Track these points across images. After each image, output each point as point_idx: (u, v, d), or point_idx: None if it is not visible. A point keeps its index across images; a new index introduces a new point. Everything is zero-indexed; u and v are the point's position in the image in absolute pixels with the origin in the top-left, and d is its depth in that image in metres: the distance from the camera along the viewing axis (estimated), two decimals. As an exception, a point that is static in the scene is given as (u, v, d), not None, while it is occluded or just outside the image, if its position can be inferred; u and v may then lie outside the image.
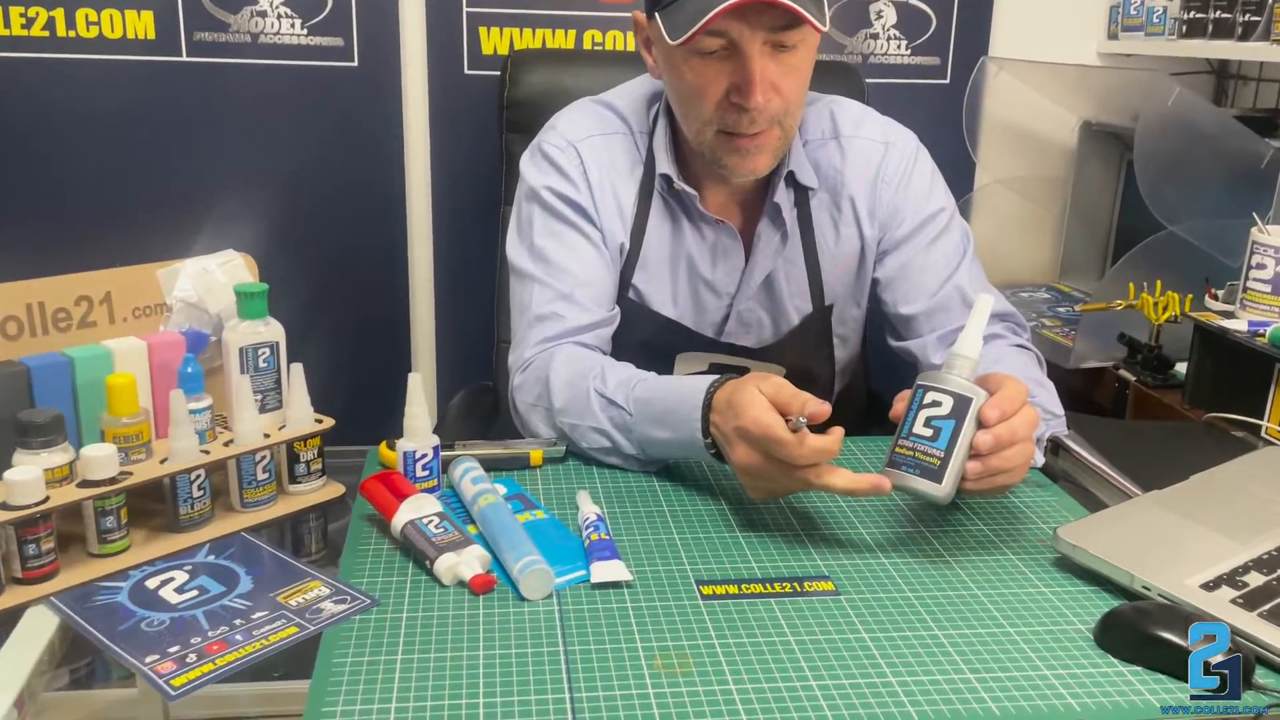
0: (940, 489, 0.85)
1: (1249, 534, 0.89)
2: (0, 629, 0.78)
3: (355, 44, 1.75)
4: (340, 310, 1.83)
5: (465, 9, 1.77)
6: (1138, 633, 0.77)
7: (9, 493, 0.79)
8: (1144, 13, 1.89)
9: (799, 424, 0.86)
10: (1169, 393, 1.48)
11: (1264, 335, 1.29)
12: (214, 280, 0.96)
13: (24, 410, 0.84)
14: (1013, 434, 0.86)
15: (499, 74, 1.59)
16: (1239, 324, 1.34)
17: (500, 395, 1.44)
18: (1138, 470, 1.07)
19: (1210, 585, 0.82)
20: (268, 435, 0.93)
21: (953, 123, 1.93)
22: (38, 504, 0.80)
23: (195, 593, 0.80)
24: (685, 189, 1.17)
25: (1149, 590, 0.82)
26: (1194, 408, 1.38)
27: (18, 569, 0.81)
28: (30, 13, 1.65)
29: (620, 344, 1.20)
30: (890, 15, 1.89)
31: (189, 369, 0.89)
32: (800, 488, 0.90)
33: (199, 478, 0.89)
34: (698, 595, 0.82)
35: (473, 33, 1.77)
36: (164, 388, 0.88)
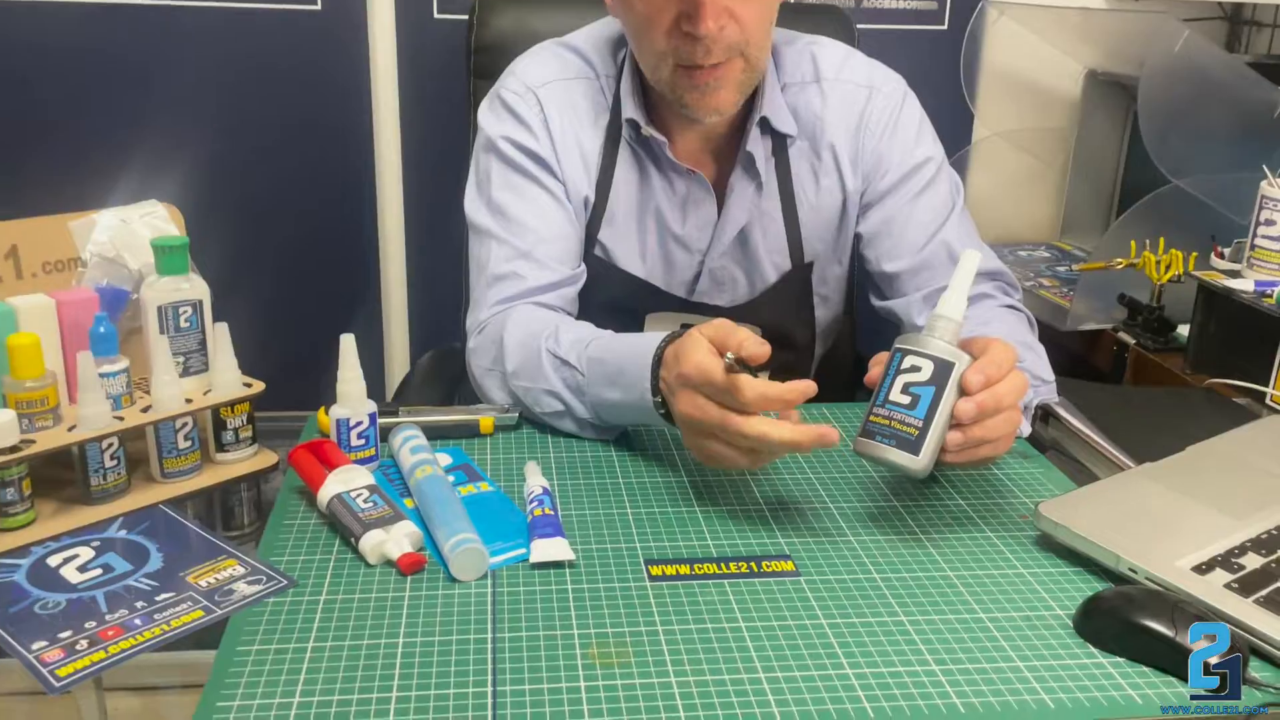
0: (917, 461, 0.79)
1: (1247, 511, 0.82)
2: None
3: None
4: (301, 266, 1.76)
5: (435, -50, 1.68)
6: (1121, 621, 0.70)
7: (-103, 463, 0.73)
8: (1154, -46, 1.80)
9: (730, 361, 0.79)
10: (1170, 357, 1.40)
11: (1271, 296, 1.21)
12: (134, 233, 0.89)
13: (-80, 373, 0.78)
14: (997, 401, 0.79)
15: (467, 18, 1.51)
16: (1245, 284, 1.26)
17: (469, 358, 1.38)
18: (1132, 441, 1.00)
19: (1203, 568, 0.75)
20: (190, 400, 0.86)
21: (950, 72, 1.84)
22: (-71, 475, 0.74)
23: (99, 571, 0.74)
24: (654, 135, 1.09)
25: (1135, 573, 0.76)
26: (1196, 373, 1.31)
27: (-89, 545, 0.75)
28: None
29: (586, 305, 1.13)
30: (885, -44, 1.80)
31: (101, 328, 0.83)
32: (740, 441, 0.81)
33: (111, 446, 0.82)
34: (645, 576, 0.76)
35: (443, -26, 1.69)
36: (76, 349, 0.82)
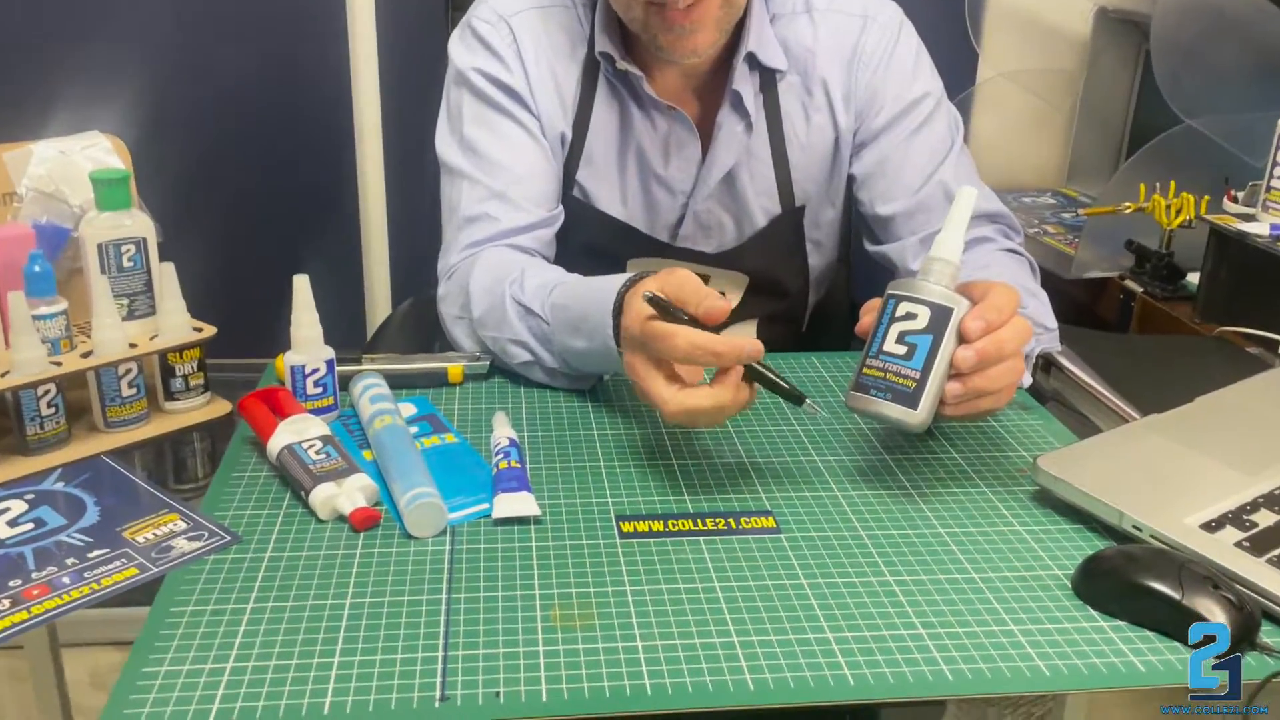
0: (915, 415, 0.73)
1: (1259, 465, 0.77)
2: None
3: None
4: (265, 204, 1.69)
5: None
6: (1123, 582, 0.66)
7: None
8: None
9: (650, 297, 0.73)
10: (1179, 305, 1.35)
11: (1287, 240, 1.15)
12: (75, 166, 0.84)
13: None
14: (999, 348, 0.74)
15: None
16: (1260, 228, 1.20)
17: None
18: (1138, 391, 0.95)
19: (1212, 525, 0.70)
20: (134, 345, 0.81)
21: (954, 9, 1.76)
22: None
23: (30, 526, 0.70)
24: (631, 69, 1.03)
25: (1140, 531, 0.71)
26: (1205, 322, 1.26)
27: None
28: None
29: (564, 249, 1.08)
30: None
31: (36, 267, 0.77)
32: (660, 404, 0.75)
33: (48, 393, 0.77)
34: (616, 534, 0.71)
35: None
36: (9, 290, 0.76)
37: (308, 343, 0.82)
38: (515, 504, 0.72)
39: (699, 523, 0.73)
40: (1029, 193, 1.90)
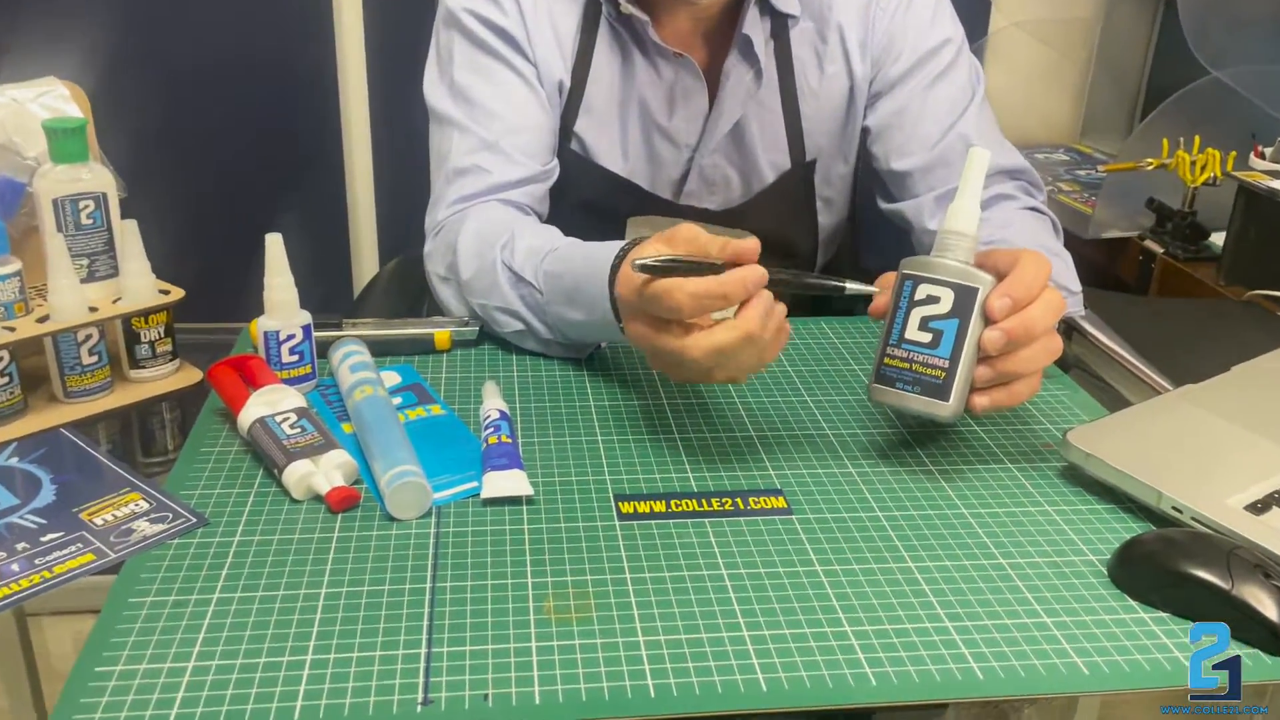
0: (946, 408, 0.68)
1: (1306, 441, 0.72)
2: None
3: None
4: (241, 158, 1.60)
5: None
6: (1164, 569, 0.60)
7: None
8: None
9: (646, 263, 0.66)
10: (1201, 266, 1.29)
11: (1323, 199, 1.09)
12: (30, 115, 0.77)
13: None
14: (1028, 329, 0.68)
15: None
16: (1292, 186, 1.14)
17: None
18: (1166, 359, 0.89)
19: (1258, 506, 0.65)
20: (95, 309, 0.75)
21: (967, -45, 1.68)
22: None
23: (-21, 507, 0.64)
24: (635, 13, 0.96)
25: (1180, 513, 0.65)
26: (1231, 284, 1.20)
27: None
28: None
29: (560, 205, 1.02)
30: None
31: (-15, 226, 0.71)
32: (692, 365, 0.69)
33: (1, 361, 0.71)
34: (614, 515, 0.66)
35: None
36: (-42, 250, 0.70)
37: (282, 307, 0.76)
38: (506, 482, 0.67)
39: (704, 503, 0.68)
40: (1041, 148, 1.83)
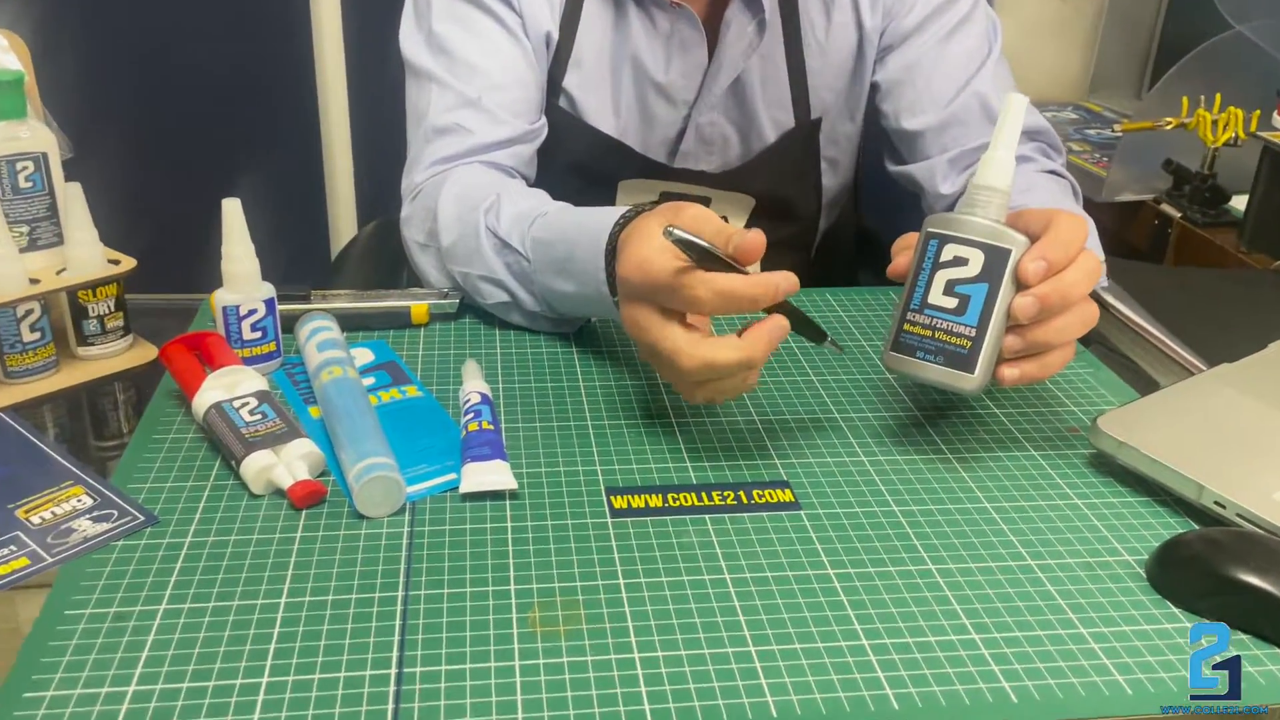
0: (971, 380, 0.62)
1: (1356, 427, 0.67)
2: None
3: None
4: (203, 111, 1.52)
5: None
6: (1210, 574, 0.55)
7: None
8: None
9: (676, 237, 0.59)
10: (1221, 232, 1.23)
11: (1357, 161, 1.03)
12: (-39, 68, 0.70)
13: None
14: (1064, 295, 0.62)
15: None
16: (1323, 147, 1.08)
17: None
18: (1194, 334, 0.84)
19: (1308, 502, 0.60)
20: (36, 281, 0.68)
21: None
22: None
23: (-97, 505, 0.58)
24: (628, -42, 0.89)
25: (1223, 508, 0.60)
26: (1253, 251, 1.14)
27: None
28: None
29: (547, 168, 0.95)
30: None
31: (-89, 191, 0.64)
32: (684, 374, 0.62)
33: (-70, 341, 0.65)
34: (606, 510, 0.60)
35: None
36: (-118, 217, 0.64)
37: (242, 279, 0.69)
38: (487, 475, 0.61)
39: (704, 496, 0.62)
40: (1049, 106, 1.76)
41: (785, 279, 0.61)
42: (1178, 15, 1.72)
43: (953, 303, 0.62)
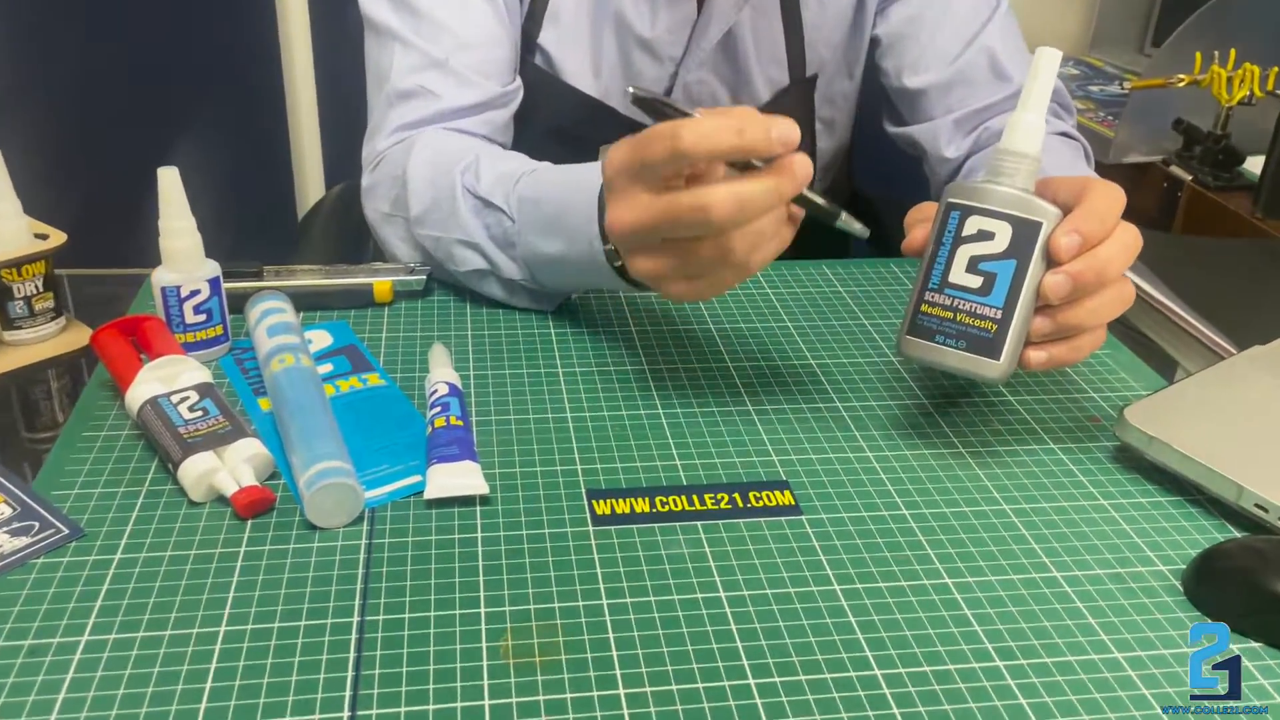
0: (996, 367, 0.56)
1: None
2: None
3: None
4: (157, 63, 1.42)
5: None
6: (1253, 589, 0.50)
7: None
8: None
9: (639, 94, 0.54)
10: (1234, 196, 1.17)
11: (1385, 123, 0.97)
12: None
13: None
14: (1099, 273, 0.56)
15: None
16: (1347, 107, 1.02)
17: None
18: (1218, 311, 0.78)
19: (1357, 505, 0.54)
20: (-50, 262, 0.62)
21: None
22: None
23: None
24: (609, -100, 0.82)
25: (1265, 512, 0.55)
26: (1269, 217, 1.08)
27: None
28: None
29: (522, 133, 0.88)
30: None
31: None
32: (703, 227, 0.54)
33: None
34: (588, 517, 0.54)
35: None
36: None
37: (183, 256, 0.63)
38: (455, 478, 0.55)
39: (695, 499, 0.56)
40: (1049, 62, 1.69)
41: (783, 121, 0.53)
42: (1184, -34, 1.65)
43: (976, 281, 0.56)
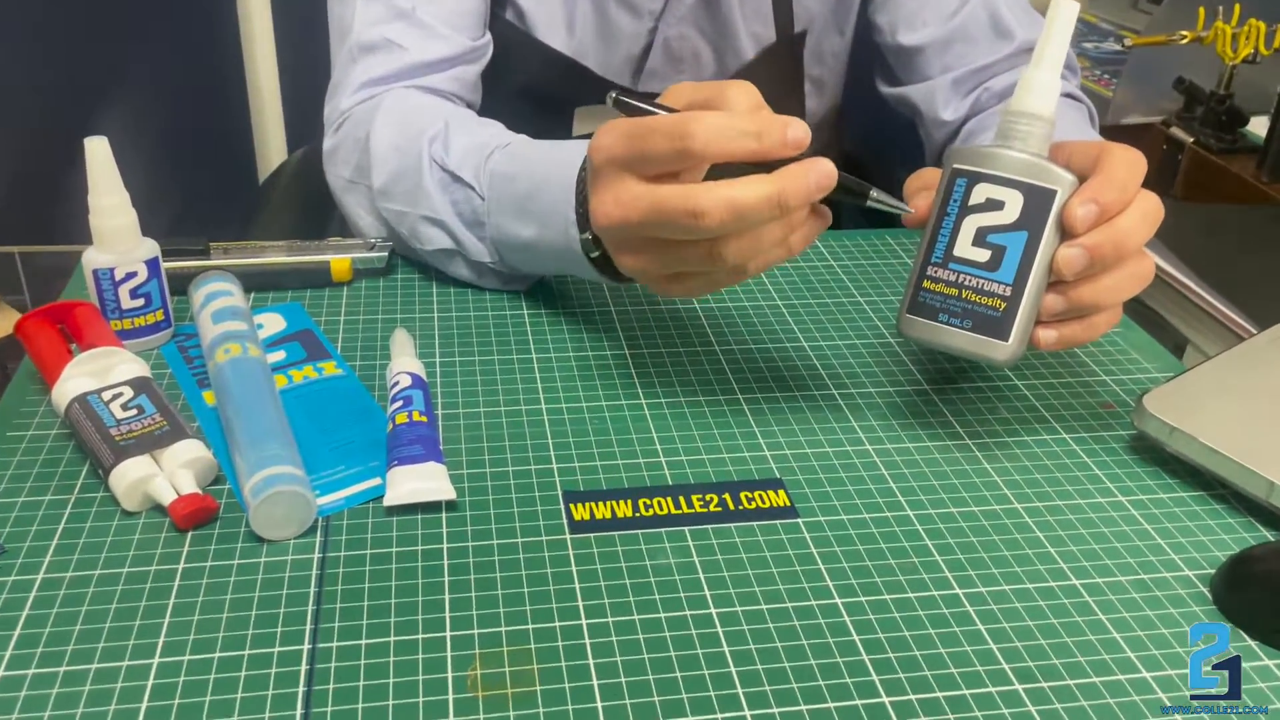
0: (1004, 349, 0.51)
1: None
2: None
3: None
4: (91, 17, 1.36)
5: None
6: (1290, 596, 0.46)
7: None
8: None
9: (618, 99, 0.51)
10: (1238, 159, 1.12)
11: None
12: None
13: None
14: (1118, 246, 0.51)
15: None
16: (1361, 65, 0.97)
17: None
18: (1232, 285, 0.74)
19: (1397, 502, 0.50)
20: None
21: None
22: None
23: None
24: None
25: (1299, 511, 0.51)
26: (1275, 180, 1.04)
27: None
28: None
29: (491, 93, 0.82)
30: None
31: None
32: (696, 231, 0.48)
33: None
34: (564, 523, 0.50)
35: None
36: None
37: (116, 235, 0.57)
38: (418, 482, 0.50)
39: (682, 501, 0.51)
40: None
41: (797, 124, 0.48)
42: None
43: (984, 255, 0.51)
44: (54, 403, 0.52)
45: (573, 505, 0.51)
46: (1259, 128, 1.11)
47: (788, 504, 0.52)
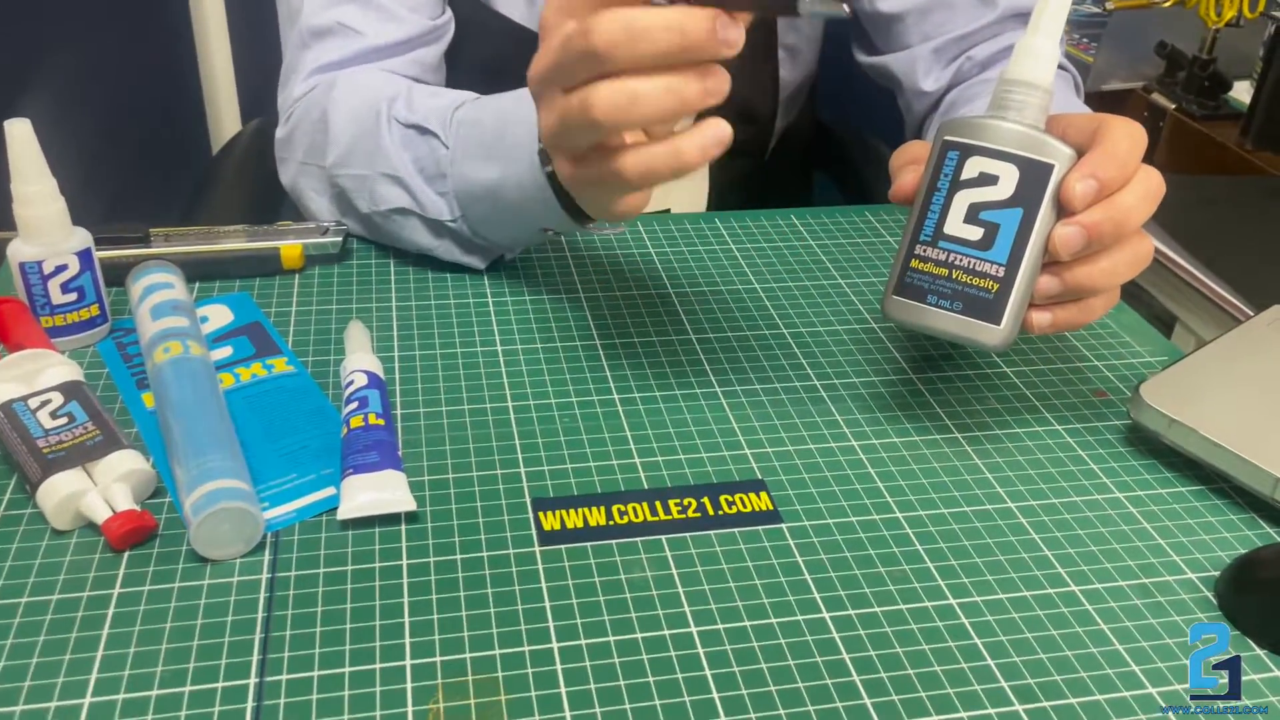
0: (996, 333, 0.49)
1: None
2: None
3: None
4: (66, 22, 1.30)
5: None
6: (1300, 601, 0.44)
7: None
8: None
9: None
10: (1221, 126, 1.10)
11: (1391, 48, 0.90)
12: None
13: None
14: (1118, 224, 0.48)
15: None
16: (1349, 30, 0.94)
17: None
18: (1227, 263, 0.71)
19: (1405, 497, 0.48)
20: None
21: None
22: None
23: None
24: None
25: (1305, 507, 0.48)
26: (1259, 147, 1.01)
27: None
28: None
29: (452, 69, 0.78)
30: None
31: None
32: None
33: None
34: (533, 534, 0.46)
35: None
36: None
37: (43, 225, 0.52)
38: (375, 492, 0.46)
39: (658, 507, 0.48)
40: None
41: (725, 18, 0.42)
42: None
43: (977, 233, 0.48)
44: (-24, 411, 0.48)
45: (542, 514, 0.47)
46: (1242, 94, 1.09)
47: (770, 508, 0.49)
